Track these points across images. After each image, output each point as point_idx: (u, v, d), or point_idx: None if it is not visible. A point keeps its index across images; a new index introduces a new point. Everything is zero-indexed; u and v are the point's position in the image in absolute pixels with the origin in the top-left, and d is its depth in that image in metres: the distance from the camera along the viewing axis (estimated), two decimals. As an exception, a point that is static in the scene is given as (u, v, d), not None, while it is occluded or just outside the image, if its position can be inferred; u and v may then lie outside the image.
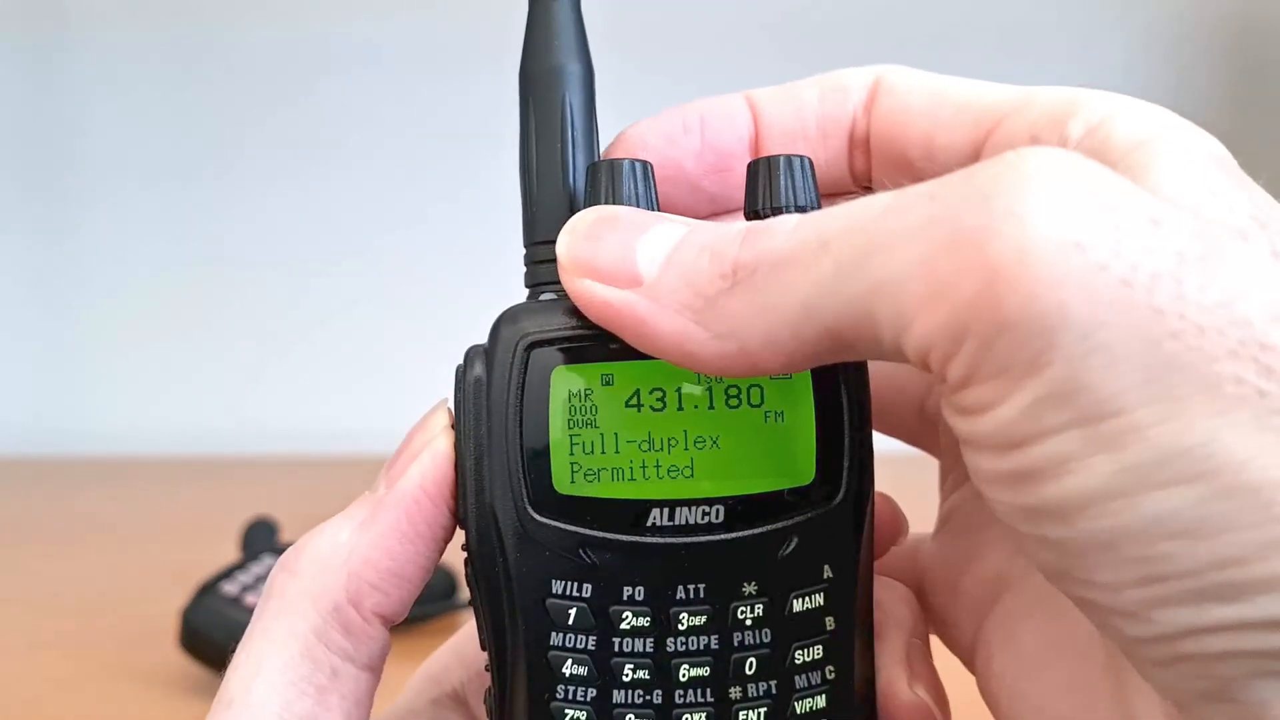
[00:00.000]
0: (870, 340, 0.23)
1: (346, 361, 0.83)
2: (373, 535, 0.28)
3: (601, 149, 0.31)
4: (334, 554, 0.28)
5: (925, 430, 0.34)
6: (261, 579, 0.63)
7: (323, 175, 0.92)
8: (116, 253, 0.96)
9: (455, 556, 0.29)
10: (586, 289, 0.26)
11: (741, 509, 0.28)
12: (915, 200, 0.22)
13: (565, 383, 0.28)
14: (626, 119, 0.32)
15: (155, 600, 0.66)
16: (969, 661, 0.31)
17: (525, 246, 0.30)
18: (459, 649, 0.33)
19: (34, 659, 0.65)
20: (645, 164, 0.29)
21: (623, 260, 0.26)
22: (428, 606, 0.69)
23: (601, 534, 0.27)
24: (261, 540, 0.73)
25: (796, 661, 0.28)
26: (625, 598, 0.28)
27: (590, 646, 0.28)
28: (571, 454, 0.28)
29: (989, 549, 0.31)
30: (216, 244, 0.95)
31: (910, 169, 0.30)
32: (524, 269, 0.30)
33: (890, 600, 0.31)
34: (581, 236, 0.26)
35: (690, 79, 0.82)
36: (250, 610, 0.34)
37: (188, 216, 0.95)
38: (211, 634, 0.61)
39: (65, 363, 0.98)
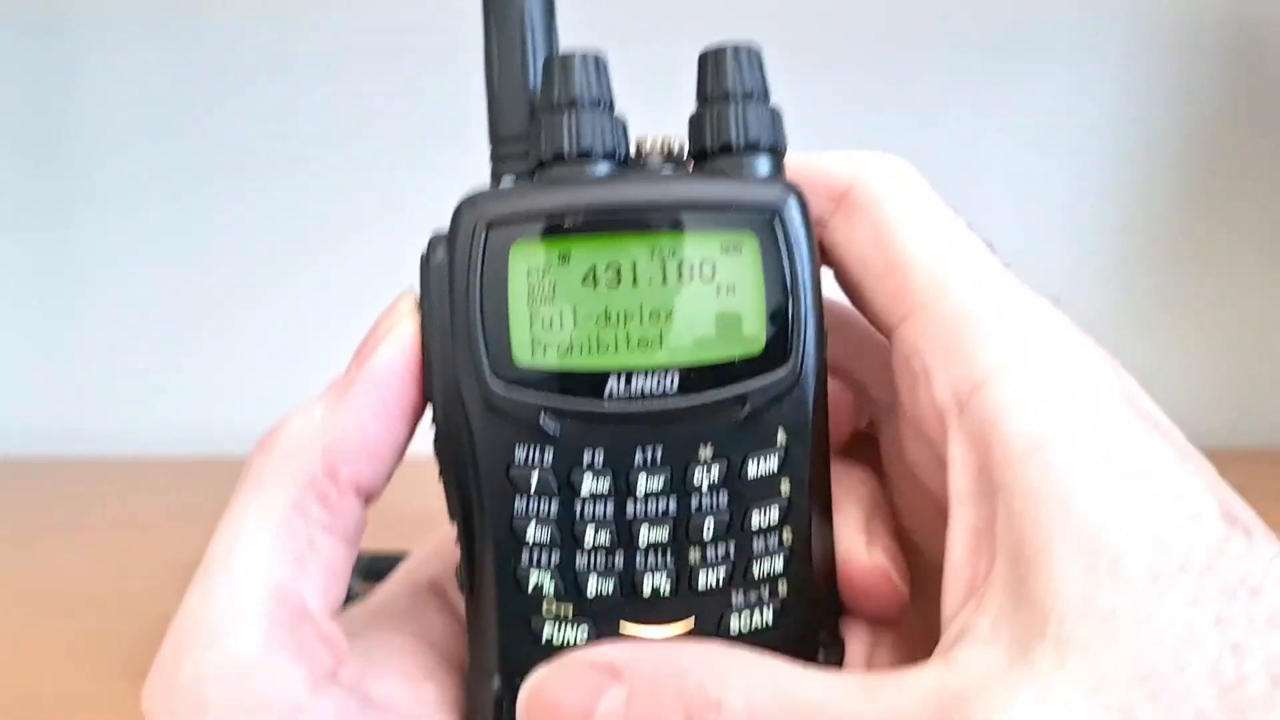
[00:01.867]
0: None
1: (347, 361, 0.83)
2: (345, 411, 0.29)
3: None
4: (309, 431, 0.29)
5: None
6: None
7: (325, 175, 0.93)
8: (117, 253, 0.96)
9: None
10: None
11: (695, 377, 0.29)
12: None
13: (523, 260, 0.29)
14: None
15: (155, 600, 0.66)
16: None
17: (490, 145, 0.31)
18: (437, 546, 0.34)
19: (34, 659, 0.64)
20: (598, 56, 0.30)
21: None
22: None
23: (561, 402, 0.29)
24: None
25: (753, 525, 0.29)
26: (585, 463, 0.29)
27: (553, 512, 0.29)
28: (531, 328, 0.29)
29: None
30: (217, 245, 0.95)
31: (848, 287, 0.32)
32: (489, 166, 0.32)
33: (850, 478, 0.32)
34: None
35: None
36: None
37: (188, 218, 0.95)
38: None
39: (65, 363, 0.98)
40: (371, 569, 0.61)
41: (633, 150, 0.30)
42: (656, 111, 0.32)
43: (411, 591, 0.33)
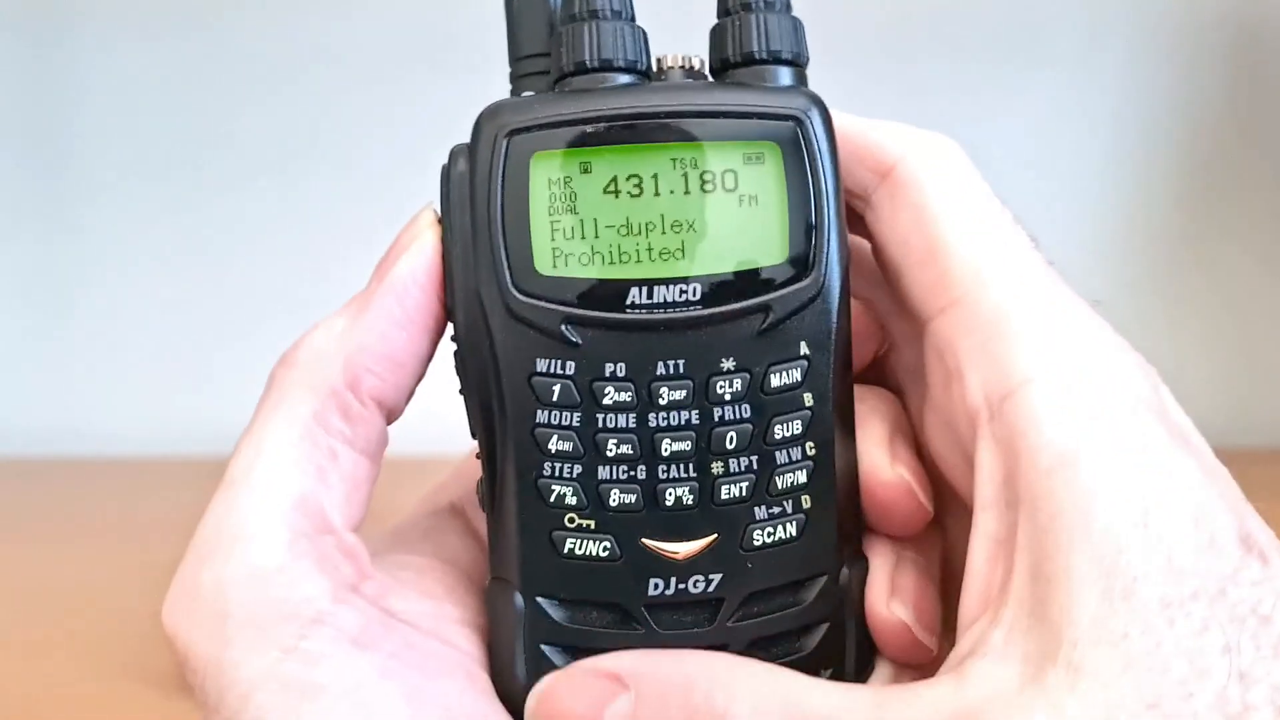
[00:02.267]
0: None
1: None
2: (366, 322, 0.29)
3: None
4: (330, 343, 0.29)
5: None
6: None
7: (326, 175, 0.93)
8: (118, 253, 0.96)
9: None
10: None
11: (717, 287, 0.29)
12: None
13: (545, 170, 0.29)
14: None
15: (155, 600, 0.65)
16: None
17: (510, 64, 0.32)
18: (457, 471, 0.34)
19: (34, 659, 0.64)
20: None
21: None
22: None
23: (583, 311, 0.28)
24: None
25: (775, 436, 0.29)
26: (607, 374, 0.29)
27: (575, 423, 0.29)
28: (553, 239, 0.29)
29: None
30: (218, 245, 0.95)
31: (885, 268, 0.31)
32: (509, 86, 0.32)
33: (872, 397, 0.32)
34: None
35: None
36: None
37: (189, 218, 0.95)
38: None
39: (65, 363, 0.98)
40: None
41: (654, 68, 0.30)
42: (675, 40, 0.32)
43: (432, 514, 0.33)
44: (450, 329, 0.30)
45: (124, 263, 0.94)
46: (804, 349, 0.29)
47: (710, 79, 0.30)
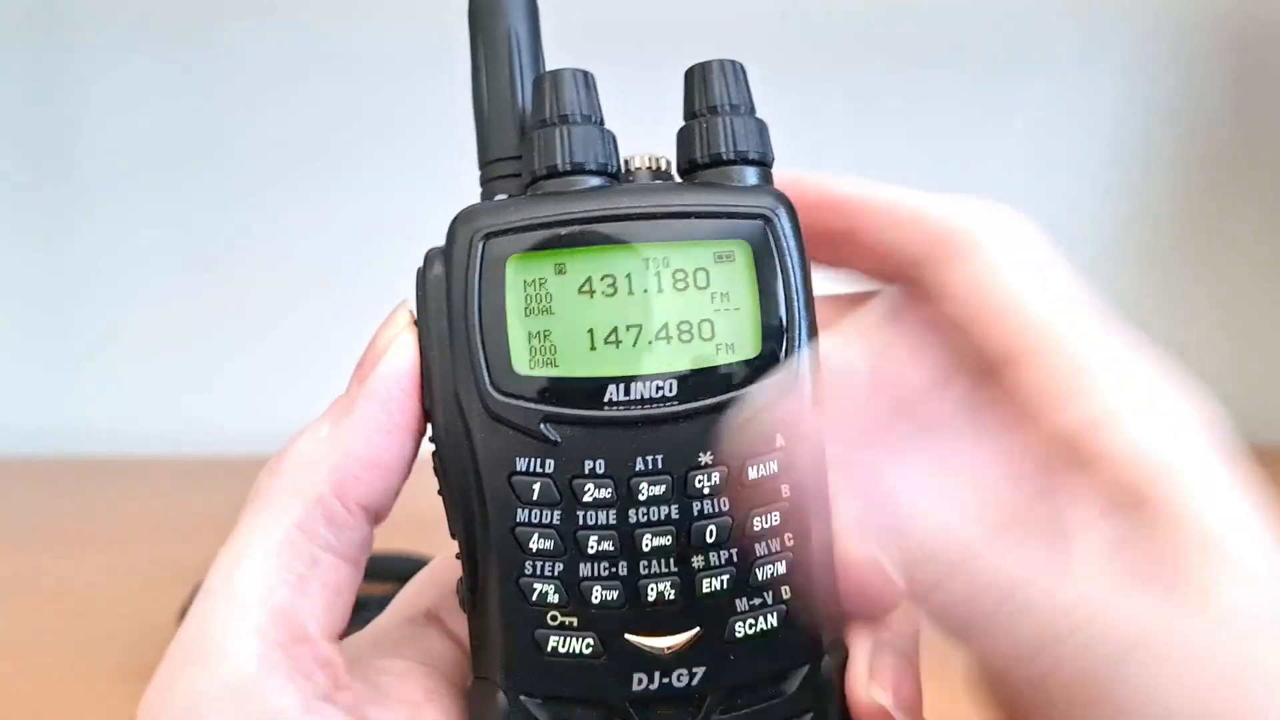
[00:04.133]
0: None
1: (348, 363, 0.84)
2: (350, 428, 0.29)
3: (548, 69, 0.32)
4: (315, 450, 0.29)
5: None
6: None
7: (330, 181, 0.93)
8: (118, 253, 0.96)
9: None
10: None
11: (693, 382, 0.29)
12: None
13: (520, 271, 0.29)
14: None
15: (155, 600, 0.65)
16: None
17: (480, 167, 0.32)
18: (433, 573, 0.34)
19: (34, 659, 0.64)
20: (586, 73, 0.31)
21: None
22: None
23: (561, 410, 0.29)
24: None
25: (754, 529, 0.29)
26: (586, 471, 0.29)
27: (555, 521, 0.29)
28: (530, 339, 0.29)
29: None
30: (218, 245, 0.95)
31: (958, 321, 0.32)
32: (480, 189, 0.32)
33: (848, 475, 0.32)
34: None
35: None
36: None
37: (190, 218, 0.95)
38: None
39: (65, 363, 0.98)
40: (370, 570, 0.61)
41: (622, 169, 0.31)
42: (640, 138, 0.33)
43: (409, 620, 0.33)
44: (429, 429, 0.30)
45: (126, 265, 0.94)
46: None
47: (676, 179, 0.31)
